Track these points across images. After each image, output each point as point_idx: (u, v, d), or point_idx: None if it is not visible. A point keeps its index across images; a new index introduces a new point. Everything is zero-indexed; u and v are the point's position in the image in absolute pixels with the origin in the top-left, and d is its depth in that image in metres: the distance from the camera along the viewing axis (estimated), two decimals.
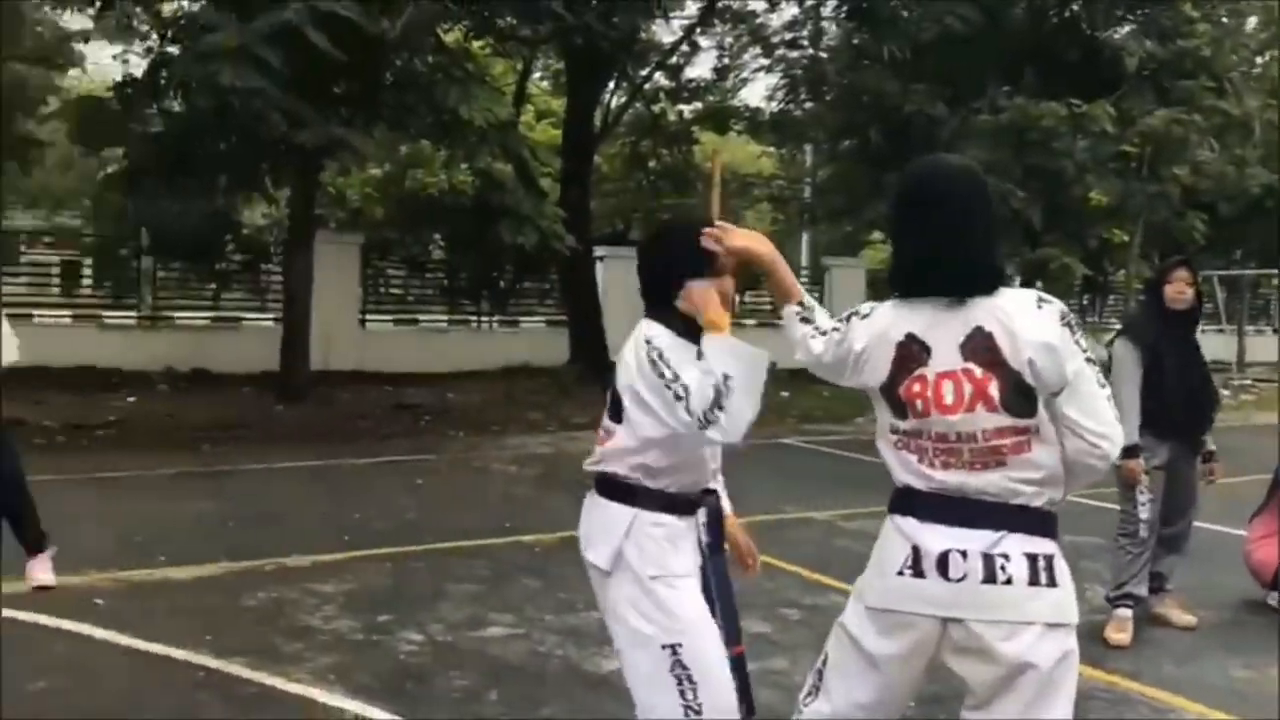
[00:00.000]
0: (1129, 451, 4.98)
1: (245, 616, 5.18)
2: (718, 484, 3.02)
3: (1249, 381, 18.02)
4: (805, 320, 2.62)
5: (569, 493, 8.03)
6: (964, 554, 2.29)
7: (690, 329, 2.75)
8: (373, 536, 6.73)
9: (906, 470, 2.39)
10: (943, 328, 2.33)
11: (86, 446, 9.72)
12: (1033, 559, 2.29)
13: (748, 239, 2.68)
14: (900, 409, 2.36)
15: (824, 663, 2.56)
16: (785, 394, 15.05)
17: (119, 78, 12.27)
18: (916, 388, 2.33)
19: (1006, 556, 2.28)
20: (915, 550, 2.33)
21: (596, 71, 16.40)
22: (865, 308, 2.49)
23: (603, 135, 17.96)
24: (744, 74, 20.56)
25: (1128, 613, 5.15)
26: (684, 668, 2.67)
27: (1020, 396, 2.29)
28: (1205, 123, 12.97)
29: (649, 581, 2.69)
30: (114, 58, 14.90)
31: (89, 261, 20.22)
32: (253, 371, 14.22)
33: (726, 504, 3.06)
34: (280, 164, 11.51)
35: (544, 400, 13.75)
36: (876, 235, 24.85)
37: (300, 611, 5.26)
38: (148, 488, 8.19)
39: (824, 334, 2.56)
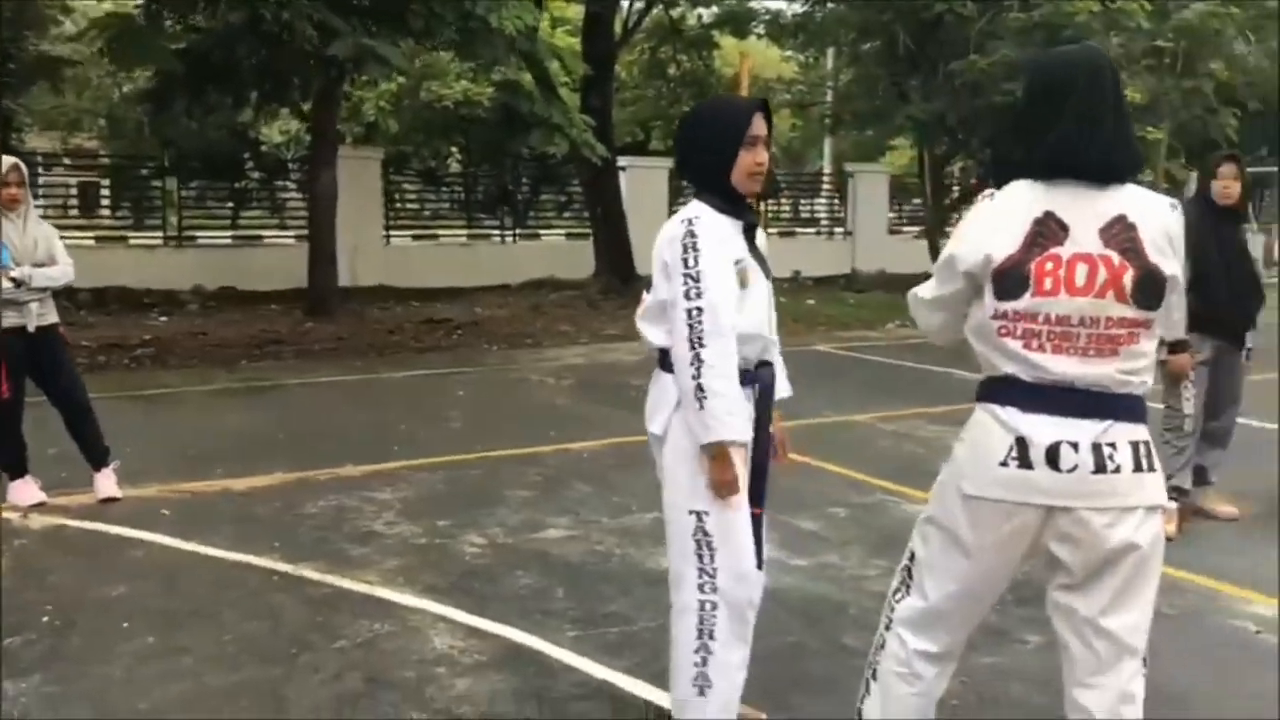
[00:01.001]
0: (1176, 347, 5.04)
1: (308, 523, 5.32)
2: (777, 364, 3.14)
3: (1278, 280, 17.89)
4: None
5: (609, 403, 8.15)
6: (1075, 446, 2.30)
7: (735, 205, 2.92)
8: (422, 446, 6.85)
9: (1008, 358, 2.36)
10: (1083, 211, 2.32)
11: (128, 365, 9.85)
12: (1136, 446, 2.34)
13: None
14: (1020, 286, 2.31)
15: (911, 559, 2.59)
16: (811, 301, 15.11)
17: None
18: (1049, 265, 2.30)
19: (1114, 445, 2.32)
20: (1021, 441, 2.33)
21: None
22: (988, 193, 2.46)
23: (623, 42, 17.69)
24: None
25: (1174, 505, 5.23)
26: (706, 534, 2.86)
27: (1150, 290, 2.31)
28: (1241, 15, 12.70)
29: (694, 449, 2.83)
30: None
31: (107, 182, 20.23)
32: (278, 289, 14.34)
33: (784, 387, 3.18)
34: (310, 77, 11.38)
35: (573, 313, 13.81)
36: (899, 141, 24.60)
37: (361, 518, 5.39)
38: (194, 403, 8.33)
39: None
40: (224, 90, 11.77)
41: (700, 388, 2.75)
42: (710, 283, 2.76)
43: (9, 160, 5.41)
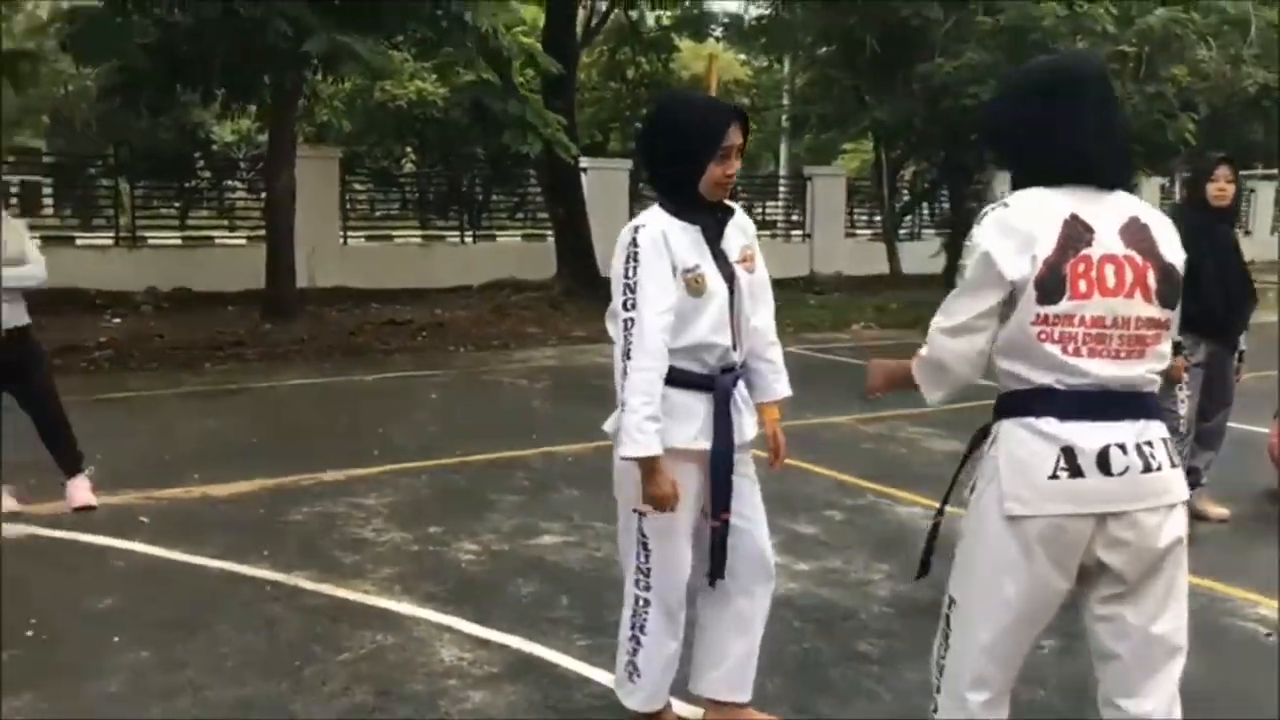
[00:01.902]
0: (1172, 349, 5.06)
1: (295, 531, 5.16)
2: (772, 372, 3.15)
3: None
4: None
5: (587, 404, 8.01)
6: (1123, 448, 2.28)
7: (695, 210, 2.89)
8: (402, 451, 6.69)
9: (1045, 367, 2.30)
10: (1100, 213, 2.32)
11: (86, 368, 9.53)
12: (1165, 442, 2.34)
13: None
14: (1058, 289, 2.27)
15: (949, 606, 2.46)
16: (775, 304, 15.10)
17: None
18: (1081, 267, 2.27)
19: (1151, 444, 2.31)
20: (1068, 451, 2.27)
21: None
22: (995, 206, 2.37)
23: (584, 43, 17.58)
24: None
25: None
26: (644, 535, 2.95)
27: (1169, 289, 2.33)
28: (1202, 21, 12.93)
29: None
30: None
31: (49, 181, 19.71)
32: (233, 290, 14.04)
33: (783, 387, 3.18)
34: (282, 75, 11.07)
35: (537, 315, 13.66)
36: (851, 145, 24.76)
37: (350, 525, 5.24)
38: (160, 407, 8.09)
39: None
40: (191, 87, 11.43)
41: (624, 402, 2.79)
42: (645, 296, 2.77)
43: None
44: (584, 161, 17.16)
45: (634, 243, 2.82)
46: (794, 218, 21.39)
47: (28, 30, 17.40)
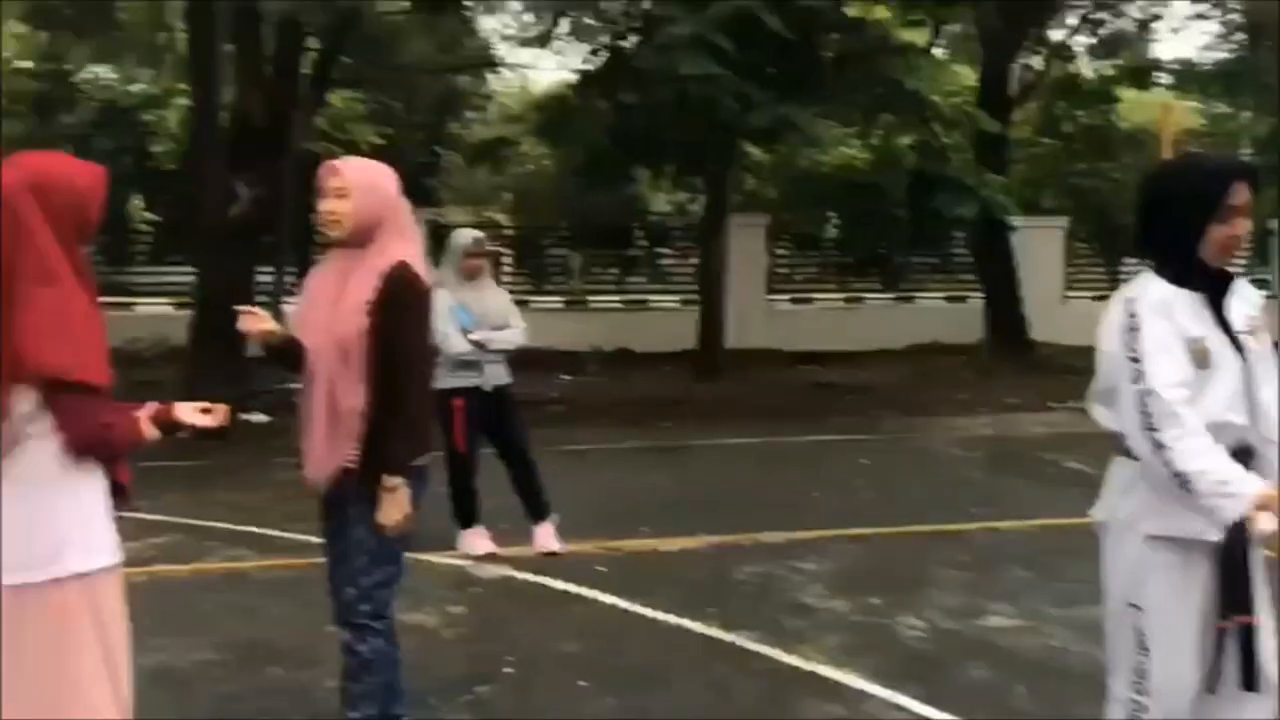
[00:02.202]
0: None
1: (739, 590, 5.29)
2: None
3: None
4: None
5: (1030, 479, 7.61)
6: None
7: (1195, 276, 2.64)
8: (837, 516, 6.68)
9: None
10: None
11: (542, 421, 10.37)
12: None
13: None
14: None
15: None
16: None
17: (575, 74, 12.82)
18: None
19: None
20: None
21: (1013, 31, 15.51)
22: None
23: (1021, 100, 17.00)
24: (1173, 23, 18.75)
25: None
26: (1142, 632, 2.65)
27: None
28: None
29: (1140, 538, 2.64)
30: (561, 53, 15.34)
31: (509, 252, 21.93)
32: (667, 350, 14.75)
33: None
34: (731, 148, 11.68)
35: (965, 379, 13.23)
36: None
37: (791, 589, 5.29)
38: (610, 461, 8.64)
39: None
40: (647, 164, 12.31)
41: (1177, 476, 2.50)
42: (1155, 366, 2.54)
43: (474, 234, 5.85)
44: (1014, 220, 16.51)
45: (1131, 314, 2.62)
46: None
47: (501, 118, 19.50)
